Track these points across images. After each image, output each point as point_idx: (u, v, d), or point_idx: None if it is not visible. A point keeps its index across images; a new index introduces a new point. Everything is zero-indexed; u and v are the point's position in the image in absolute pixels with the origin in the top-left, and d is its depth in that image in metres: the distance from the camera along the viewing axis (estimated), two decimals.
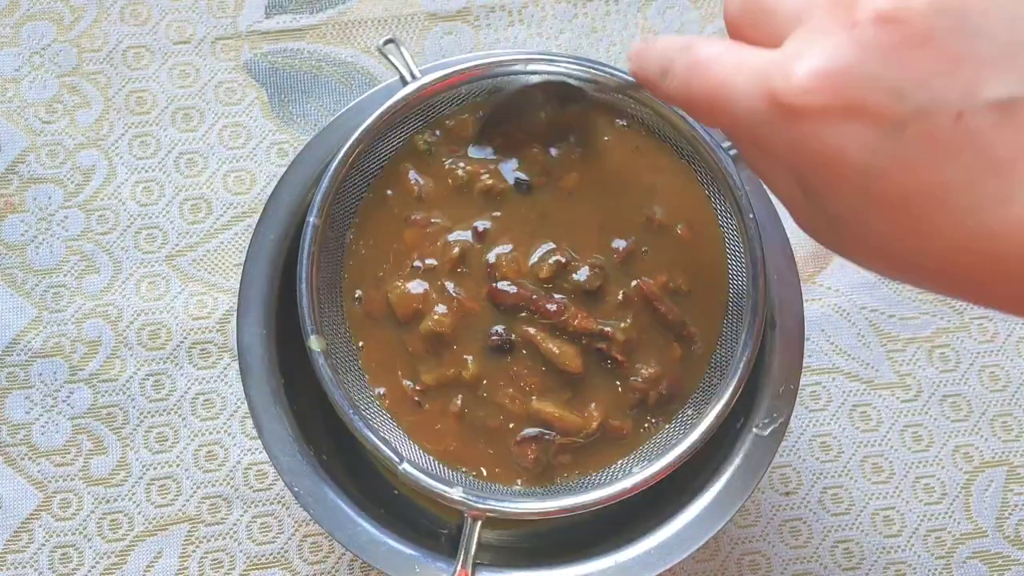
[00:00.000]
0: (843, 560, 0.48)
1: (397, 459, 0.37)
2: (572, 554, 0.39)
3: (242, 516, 0.48)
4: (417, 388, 0.39)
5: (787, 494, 0.49)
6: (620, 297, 0.39)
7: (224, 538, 0.48)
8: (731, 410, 0.38)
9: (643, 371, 0.39)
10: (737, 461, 0.39)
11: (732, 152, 0.39)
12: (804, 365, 0.47)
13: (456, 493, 0.36)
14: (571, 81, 0.39)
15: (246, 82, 0.54)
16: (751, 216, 0.38)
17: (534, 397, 0.39)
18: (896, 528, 0.49)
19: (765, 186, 0.28)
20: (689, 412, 0.39)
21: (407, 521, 0.43)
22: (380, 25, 0.55)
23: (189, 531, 0.48)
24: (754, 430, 0.40)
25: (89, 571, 0.47)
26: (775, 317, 0.41)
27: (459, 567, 0.36)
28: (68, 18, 0.54)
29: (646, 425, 0.40)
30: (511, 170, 0.41)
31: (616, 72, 0.40)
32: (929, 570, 0.48)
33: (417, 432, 0.39)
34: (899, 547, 0.49)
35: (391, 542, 0.38)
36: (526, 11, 0.56)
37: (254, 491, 0.48)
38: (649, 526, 0.39)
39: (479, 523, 0.36)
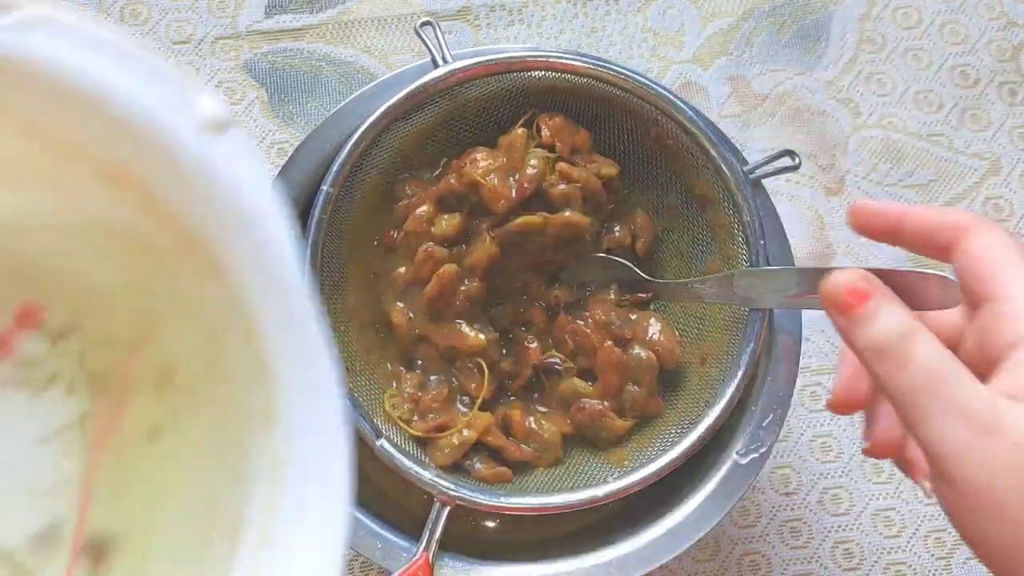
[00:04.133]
0: (843, 560, 0.48)
1: (374, 434, 0.37)
2: (536, 554, 0.39)
3: None
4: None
5: (787, 494, 0.49)
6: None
7: None
8: (714, 436, 0.37)
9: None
10: (712, 486, 0.39)
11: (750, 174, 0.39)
12: (804, 365, 0.46)
13: (428, 475, 0.36)
14: None
15: (246, 82, 0.54)
16: (762, 242, 0.38)
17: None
18: (896, 528, 0.49)
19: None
20: (672, 431, 0.39)
21: (379, 498, 0.42)
22: (380, 25, 0.55)
23: None
24: (734, 456, 0.39)
25: None
26: (772, 340, 0.40)
27: (421, 549, 0.36)
28: None
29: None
30: None
31: (653, 84, 0.40)
32: (929, 570, 0.48)
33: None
34: (899, 547, 0.49)
35: (357, 514, 0.38)
36: (526, 11, 0.55)
37: None
38: (615, 537, 0.39)
39: (447, 509, 0.36)
